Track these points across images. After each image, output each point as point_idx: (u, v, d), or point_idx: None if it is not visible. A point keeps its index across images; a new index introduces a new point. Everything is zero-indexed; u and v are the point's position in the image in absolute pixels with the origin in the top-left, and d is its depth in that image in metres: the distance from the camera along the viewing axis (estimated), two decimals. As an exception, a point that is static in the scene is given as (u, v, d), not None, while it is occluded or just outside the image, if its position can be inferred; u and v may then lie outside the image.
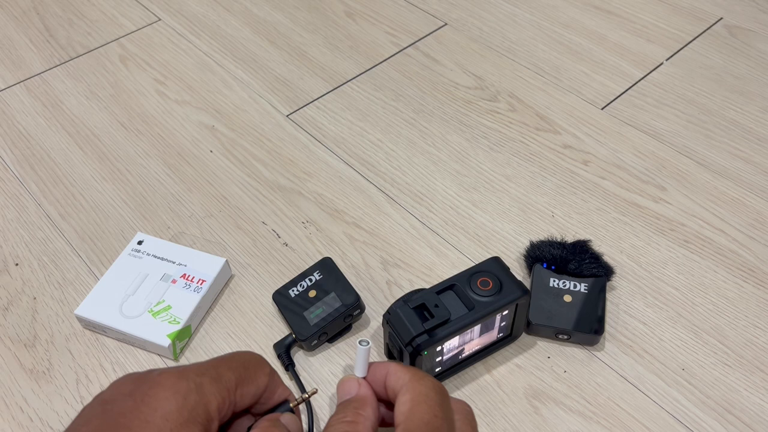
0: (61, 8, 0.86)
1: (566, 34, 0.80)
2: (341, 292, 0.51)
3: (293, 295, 0.51)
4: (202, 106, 0.72)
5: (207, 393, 0.33)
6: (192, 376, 0.34)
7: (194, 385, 0.33)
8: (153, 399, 0.32)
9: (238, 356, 0.37)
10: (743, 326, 0.52)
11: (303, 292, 0.51)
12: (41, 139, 0.69)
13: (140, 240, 0.56)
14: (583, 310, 0.51)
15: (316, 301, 0.50)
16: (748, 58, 0.76)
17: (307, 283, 0.52)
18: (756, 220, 0.59)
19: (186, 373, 0.34)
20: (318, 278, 0.52)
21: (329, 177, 0.64)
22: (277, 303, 0.52)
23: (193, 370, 0.34)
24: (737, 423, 0.47)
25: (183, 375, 0.34)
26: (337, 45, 0.79)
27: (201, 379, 0.34)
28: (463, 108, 0.71)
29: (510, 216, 0.60)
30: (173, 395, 0.32)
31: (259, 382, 0.37)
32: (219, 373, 0.35)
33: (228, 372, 0.35)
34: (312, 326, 0.49)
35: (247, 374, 0.36)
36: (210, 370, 0.35)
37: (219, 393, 0.34)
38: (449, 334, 0.44)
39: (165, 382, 0.33)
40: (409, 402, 0.35)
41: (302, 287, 0.52)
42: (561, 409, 0.48)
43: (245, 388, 0.36)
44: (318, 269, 0.53)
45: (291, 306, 0.51)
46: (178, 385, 0.33)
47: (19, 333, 0.53)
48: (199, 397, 0.33)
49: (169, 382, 0.33)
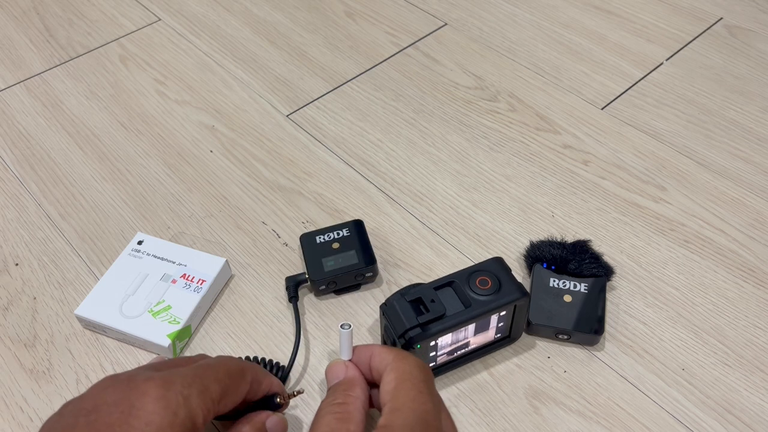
0: (61, 8, 0.86)
1: (566, 34, 0.80)
2: (361, 252, 0.54)
3: (318, 242, 0.55)
4: (202, 106, 0.72)
5: (194, 406, 0.33)
6: (179, 388, 0.33)
7: (182, 398, 0.33)
8: (142, 412, 0.32)
9: (223, 366, 0.37)
10: (743, 326, 0.52)
11: (328, 242, 0.55)
12: (41, 139, 0.69)
13: (140, 240, 0.56)
14: (583, 310, 0.51)
15: (336, 253, 0.54)
16: (748, 58, 0.76)
17: (335, 236, 0.55)
18: (756, 220, 0.59)
19: (172, 383, 0.34)
20: (346, 234, 0.55)
21: (329, 177, 0.64)
22: (302, 243, 0.55)
23: (179, 380, 0.34)
24: (737, 423, 0.47)
25: (170, 386, 0.33)
26: (337, 45, 0.79)
27: (188, 391, 0.34)
28: (463, 108, 0.71)
29: (510, 216, 0.60)
30: (163, 409, 0.32)
31: (241, 392, 0.38)
32: (205, 386, 0.35)
33: (214, 384, 0.35)
34: (325, 272, 0.52)
35: (231, 385, 0.37)
36: (197, 382, 0.35)
37: (205, 406, 0.34)
38: (443, 329, 0.44)
39: (152, 392, 0.33)
40: (394, 381, 0.36)
41: (329, 237, 0.55)
42: (561, 409, 0.48)
43: (228, 398, 0.37)
44: (348, 227, 0.56)
45: (313, 249, 0.54)
46: (167, 397, 0.33)
47: (19, 333, 0.53)
48: (188, 413, 0.33)
49: (157, 393, 0.33)
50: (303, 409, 0.48)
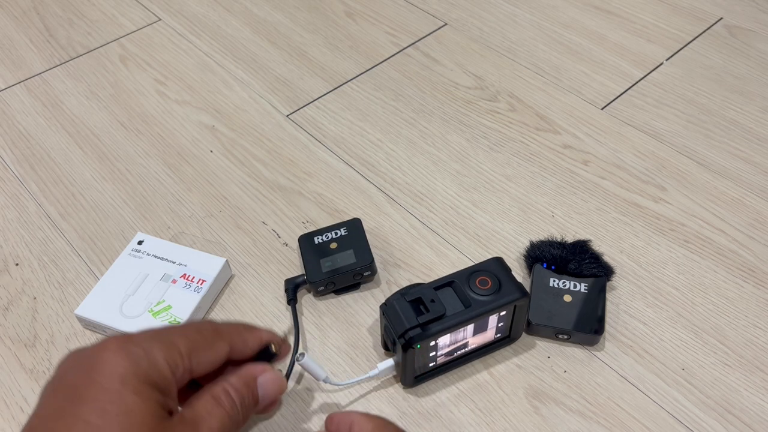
0: (61, 8, 0.86)
1: (566, 34, 0.80)
2: (359, 251, 0.54)
3: (316, 242, 0.55)
4: (202, 106, 0.72)
5: (158, 357, 0.32)
6: (140, 341, 0.33)
7: (143, 350, 0.32)
8: (104, 364, 0.31)
9: (193, 324, 0.37)
10: (743, 326, 0.52)
11: (326, 242, 0.55)
12: (41, 139, 0.69)
13: (140, 240, 0.56)
14: (583, 310, 0.51)
15: (334, 253, 0.54)
16: (748, 58, 0.76)
17: (332, 236, 0.55)
18: (756, 220, 0.59)
19: (133, 338, 0.33)
20: (343, 234, 0.55)
21: (329, 177, 0.64)
22: (300, 245, 0.55)
23: (140, 336, 0.33)
24: (737, 423, 0.47)
25: (131, 340, 0.33)
26: (337, 45, 0.79)
27: (150, 344, 0.33)
28: (463, 108, 0.71)
29: (510, 216, 0.60)
30: (124, 359, 0.31)
31: (218, 350, 0.36)
32: (169, 340, 0.34)
33: (180, 339, 0.34)
34: (323, 273, 0.52)
35: (201, 341, 0.35)
36: (159, 337, 0.34)
37: (171, 358, 0.33)
38: (443, 329, 0.44)
39: (112, 346, 0.32)
40: None
41: (327, 237, 0.55)
42: (561, 408, 0.48)
43: (200, 355, 0.35)
44: (346, 226, 0.56)
45: (311, 250, 0.54)
46: (127, 349, 0.32)
47: (20, 333, 0.53)
48: (152, 363, 0.32)
49: (116, 345, 0.32)
50: (292, 411, 0.48)
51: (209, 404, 0.34)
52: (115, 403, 0.30)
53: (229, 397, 0.35)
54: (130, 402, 0.30)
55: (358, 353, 0.51)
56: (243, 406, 0.36)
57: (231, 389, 0.36)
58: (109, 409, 0.30)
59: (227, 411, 0.35)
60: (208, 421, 0.33)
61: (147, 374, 0.31)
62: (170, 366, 0.33)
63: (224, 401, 0.35)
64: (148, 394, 0.31)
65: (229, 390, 0.36)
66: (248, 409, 0.37)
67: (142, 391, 0.31)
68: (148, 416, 0.30)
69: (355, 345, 0.51)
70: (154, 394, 0.31)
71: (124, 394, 0.30)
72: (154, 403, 0.31)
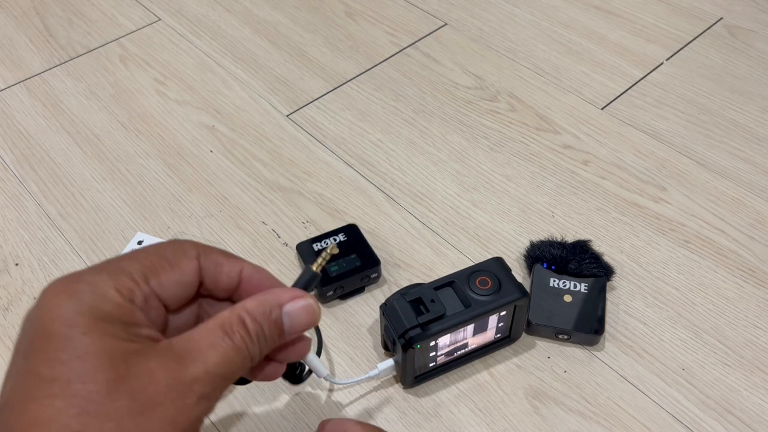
0: (61, 8, 0.86)
1: (566, 34, 0.80)
2: (363, 255, 0.54)
3: (316, 249, 0.55)
4: (202, 106, 0.72)
5: (106, 288, 0.28)
6: (84, 276, 0.29)
7: (87, 285, 0.28)
8: (47, 309, 0.27)
9: (152, 247, 0.32)
10: (743, 326, 0.52)
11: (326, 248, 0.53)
12: (41, 139, 0.69)
13: (140, 240, 0.56)
14: (583, 310, 0.51)
15: (338, 258, 0.54)
16: (748, 58, 0.76)
17: (331, 242, 0.55)
18: (756, 220, 0.59)
19: (78, 275, 0.29)
20: (342, 239, 0.55)
21: (329, 177, 0.64)
22: (300, 253, 0.55)
23: (86, 270, 0.29)
24: (737, 423, 0.47)
25: (73, 278, 0.29)
26: (337, 45, 0.79)
27: (96, 277, 0.29)
28: (463, 108, 0.71)
29: (510, 216, 0.60)
30: (67, 299, 0.27)
31: (183, 268, 0.31)
32: (120, 267, 0.29)
33: (131, 263, 0.30)
34: (331, 278, 0.52)
35: (161, 262, 0.31)
36: (107, 266, 0.30)
37: (123, 285, 0.29)
38: (443, 329, 0.44)
39: (53, 288, 0.28)
40: None
41: (326, 244, 0.55)
42: (561, 409, 0.48)
43: (162, 277, 0.30)
44: (343, 232, 0.56)
45: (313, 257, 0.54)
46: (70, 288, 0.28)
47: (19, 333, 0.53)
48: (97, 296, 0.28)
49: (58, 287, 0.28)
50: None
51: (215, 334, 0.29)
52: (64, 349, 0.26)
53: (243, 326, 0.29)
54: (80, 345, 0.26)
55: (358, 353, 0.51)
56: (260, 338, 0.30)
57: (247, 317, 0.30)
58: (59, 357, 0.26)
59: (236, 343, 0.29)
60: (205, 354, 0.28)
61: (95, 309, 0.27)
62: (122, 294, 0.28)
63: (235, 332, 0.29)
64: (102, 330, 0.27)
65: (244, 318, 0.30)
66: (268, 342, 0.31)
67: (93, 330, 0.27)
68: (105, 356, 0.26)
69: (355, 345, 0.51)
70: (110, 328, 0.27)
71: (72, 338, 0.26)
72: (110, 339, 0.27)
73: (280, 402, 0.48)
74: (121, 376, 0.26)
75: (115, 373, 0.26)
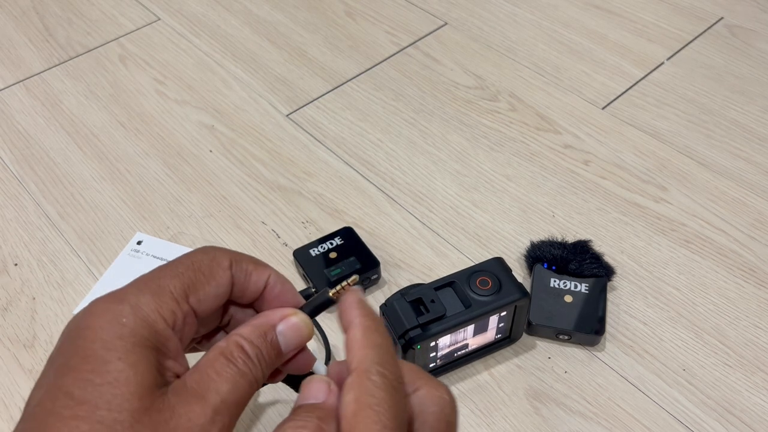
0: (60, 8, 0.86)
1: (567, 33, 0.80)
2: (362, 256, 0.54)
3: (314, 255, 0.54)
4: (201, 106, 0.72)
5: (149, 313, 0.29)
6: (128, 296, 0.29)
7: (130, 307, 0.28)
8: (89, 331, 0.28)
9: (187, 257, 0.32)
10: (744, 326, 0.52)
11: (324, 253, 0.54)
12: (40, 138, 0.69)
13: (139, 240, 0.56)
14: (584, 311, 0.51)
15: (337, 262, 0.54)
16: (748, 58, 0.75)
17: (329, 246, 0.55)
18: (757, 220, 0.59)
19: (122, 295, 0.29)
20: (339, 243, 0.55)
21: (329, 177, 0.64)
22: (297, 259, 0.54)
23: (130, 289, 0.30)
24: (738, 423, 0.47)
25: (118, 298, 0.29)
26: (337, 45, 0.79)
27: (138, 298, 0.29)
28: (463, 108, 0.71)
29: (510, 216, 0.60)
30: (107, 323, 0.28)
31: (219, 280, 0.32)
32: (160, 286, 0.30)
33: (172, 280, 0.30)
34: (332, 283, 0.52)
35: (198, 276, 0.31)
36: (149, 284, 0.30)
37: (165, 307, 0.29)
38: (443, 330, 0.44)
39: (97, 309, 0.29)
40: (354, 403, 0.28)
41: (323, 249, 0.55)
42: (561, 409, 0.47)
43: (200, 292, 0.31)
44: (339, 235, 0.56)
45: (312, 263, 0.54)
46: (113, 310, 0.28)
47: (19, 333, 0.53)
48: (139, 320, 0.28)
49: (101, 308, 0.29)
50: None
51: (218, 363, 0.29)
52: (99, 372, 0.27)
53: (243, 352, 0.30)
54: (115, 370, 0.27)
55: (358, 354, 0.51)
56: (261, 360, 0.30)
57: (245, 342, 0.30)
58: (92, 379, 0.26)
59: (240, 369, 0.29)
60: (216, 384, 0.28)
61: (136, 333, 0.28)
62: (163, 317, 0.29)
63: (237, 357, 0.29)
64: (138, 357, 0.27)
65: (242, 344, 0.30)
66: (269, 363, 0.31)
67: (130, 356, 0.27)
68: (136, 386, 0.27)
69: (355, 345, 0.51)
70: (147, 355, 0.28)
71: (109, 361, 0.27)
72: (144, 369, 0.27)
73: (280, 402, 0.48)
74: (145, 408, 0.26)
75: (140, 405, 0.26)
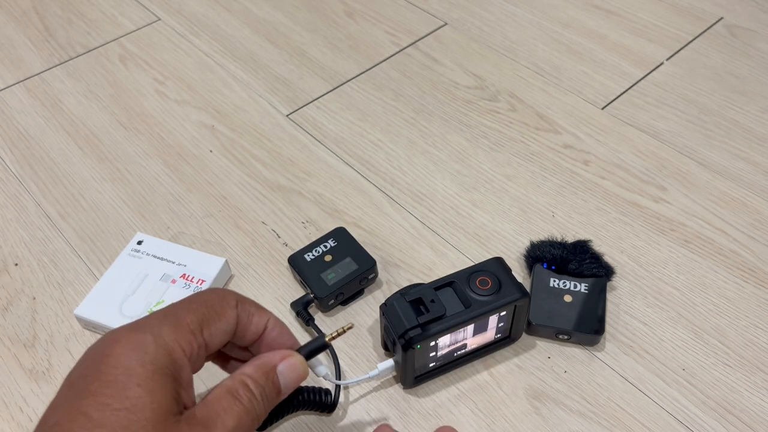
0: (60, 8, 0.86)
1: (566, 33, 0.80)
2: (357, 257, 0.53)
3: (309, 259, 0.54)
4: (201, 106, 0.72)
5: (169, 342, 0.31)
6: (150, 327, 0.31)
7: (152, 336, 0.31)
8: (112, 357, 0.30)
9: (198, 296, 0.35)
10: (744, 326, 0.52)
11: (319, 256, 0.54)
12: (41, 138, 0.69)
13: (140, 240, 0.56)
14: (584, 311, 0.51)
15: (332, 264, 0.53)
16: (748, 58, 0.76)
17: (323, 249, 0.54)
18: (756, 220, 0.59)
19: (144, 325, 0.32)
20: (333, 245, 0.55)
21: (329, 177, 0.64)
22: (292, 265, 0.54)
23: (151, 321, 0.32)
24: (738, 423, 0.47)
25: (140, 327, 0.31)
26: (337, 45, 0.79)
27: (159, 329, 0.31)
28: (463, 108, 0.71)
29: (510, 216, 0.60)
30: (132, 350, 0.30)
31: (228, 317, 0.35)
32: (178, 319, 0.32)
33: (188, 315, 0.33)
34: (330, 286, 0.52)
35: (210, 312, 0.34)
36: (168, 317, 0.32)
37: (183, 338, 0.32)
38: (443, 329, 0.44)
39: (121, 338, 0.31)
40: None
41: (318, 252, 0.54)
42: (561, 409, 0.47)
43: (212, 327, 0.34)
44: (332, 237, 0.55)
45: (308, 268, 0.53)
46: (135, 339, 0.30)
47: (19, 333, 0.53)
48: (160, 348, 0.31)
49: (125, 337, 0.31)
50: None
51: (225, 400, 0.32)
52: (118, 397, 0.28)
53: (248, 389, 0.33)
54: (134, 396, 0.29)
55: (358, 353, 0.51)
56: (264, 398, 0.34)
57: (249, 381, 0.33)
58: (111, 404, 0.28)
59: (245, 406, 0.32)
60: (223, 419, 0.31)
61: (156, 360, 0.30)
62: (182, 347, 0.31)
63: (242, 395, 0.33)
64: (156, 384, 0.29)
65: (247, 382, 0.33)
66: (270, 401, 0.34)
67: (149, 383, 0.29)
68: (152, 412, 0.29)
69: (355, 345, 0.51)
70: (165, 383, 0.30)
71: (128, 387, 0.29)
72: (161, 396, 0.29)
73: (279, 402, 0.48)
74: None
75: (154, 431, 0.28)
